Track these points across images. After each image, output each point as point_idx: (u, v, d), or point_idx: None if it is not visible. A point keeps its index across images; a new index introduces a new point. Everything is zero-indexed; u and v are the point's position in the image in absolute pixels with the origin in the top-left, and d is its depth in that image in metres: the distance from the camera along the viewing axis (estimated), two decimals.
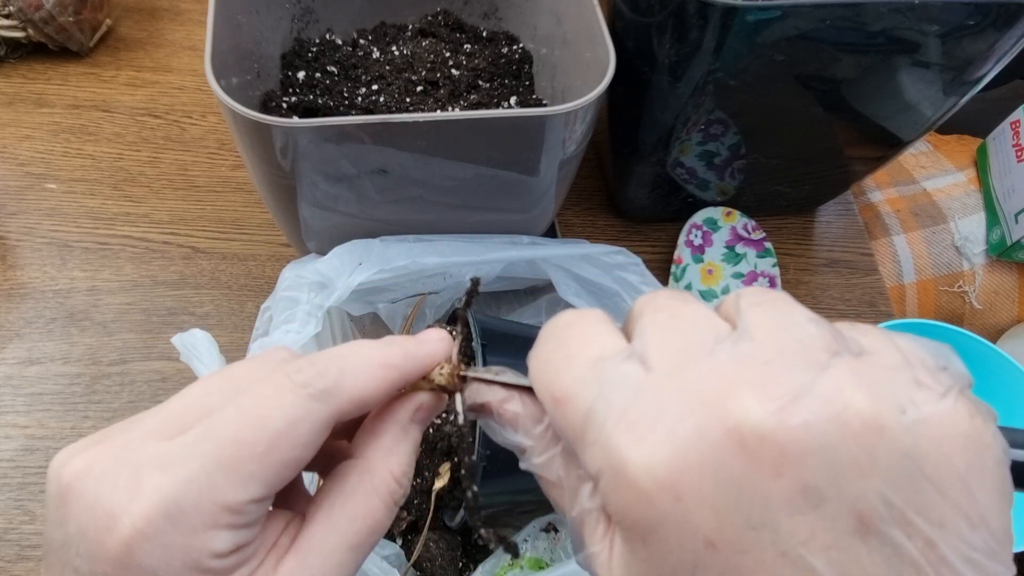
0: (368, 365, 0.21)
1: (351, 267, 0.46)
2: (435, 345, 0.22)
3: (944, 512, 0.14)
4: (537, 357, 0.19)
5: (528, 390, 0.21)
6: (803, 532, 0.14)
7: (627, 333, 0.18)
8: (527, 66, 0.57)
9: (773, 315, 0.16)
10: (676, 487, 0.14)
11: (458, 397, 0.22)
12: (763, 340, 0.15)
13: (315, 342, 0.44)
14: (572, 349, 0.18)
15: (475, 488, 0.21)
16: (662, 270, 0.62)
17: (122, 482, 0.18)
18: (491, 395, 0.21)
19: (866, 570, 0.14)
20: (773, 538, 0.14)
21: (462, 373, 0.22)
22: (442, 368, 0.22)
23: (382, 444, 0.22)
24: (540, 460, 0.20)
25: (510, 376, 0.21)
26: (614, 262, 0.51)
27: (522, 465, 0.21)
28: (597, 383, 0.16)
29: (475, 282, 0.24)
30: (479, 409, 0.22)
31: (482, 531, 0.21)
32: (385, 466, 0.21)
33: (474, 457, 0.22)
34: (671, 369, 0.16)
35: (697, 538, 0.14)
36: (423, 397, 0.22)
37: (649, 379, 0.16)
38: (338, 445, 0.24)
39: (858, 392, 0.14)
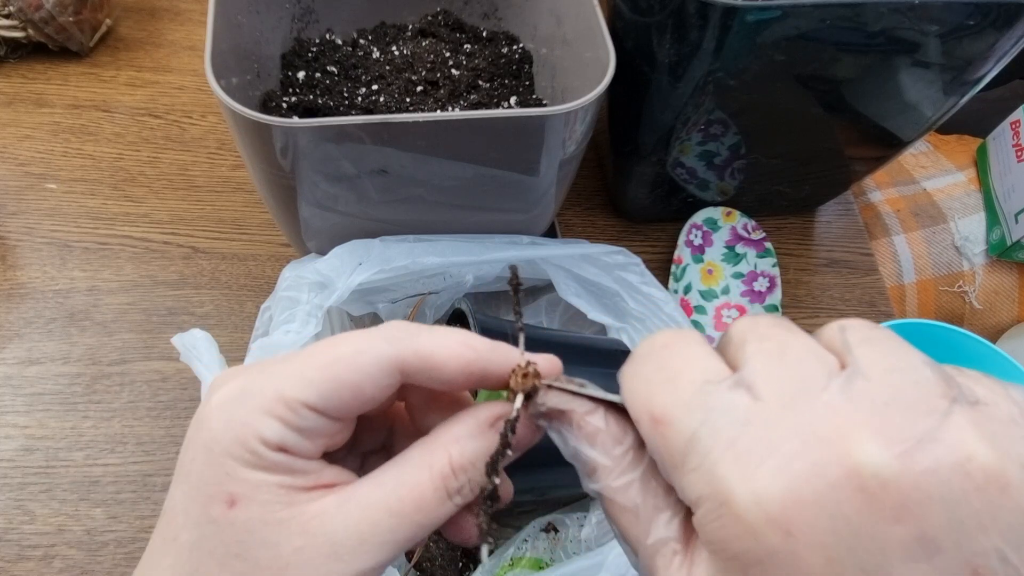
0: (446, 336, 0.21)
1: (351, 267, 0.46)
2: (512, 349, 0.23)
3: None
4: (634, 375, 0.19)
5: (615, 407, 0.20)
6: None
7: (726, 358, 0.18)
8: (527, 66, 0.57)
9: (887, 354, 0.16)
10: (787, 523, 0.14)
11: (519, 396, 0.22)
12: (879, 381, 0.15)
13: (315, 341, 0.44)
14: (674, 370, 0.18)
15: (497, 481, 0.21)
16: (662, 270, 0.62)
17: (230, 376, 0.21)
18: (575, 404, 0.21)
19: None
20: None
21: (547, 382, 0.21)
22: (523, 371, 0.22)
23: (453, 430, 0.22)
24: (617, 483, 0.19)
25: (596, 390, 0.21)
26: (614, 262, 0.51)
27: (588, 486, 0.20)
28: (703, 408, 0.16)
29: (513, 270, 0.24)
30: (557, 416, 0.21)
31: (483, 520, 0.21)
32: (446, 449, 0.21)
33: (508, 452, 0.21)
34: (783, 402, 0.15)
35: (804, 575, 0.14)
36: (508, 407, 0.22)
37: (759, 410, 0.16)
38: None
39: (981, 443, 0.14)
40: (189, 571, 0.19)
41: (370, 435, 0.26)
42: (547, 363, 0.22)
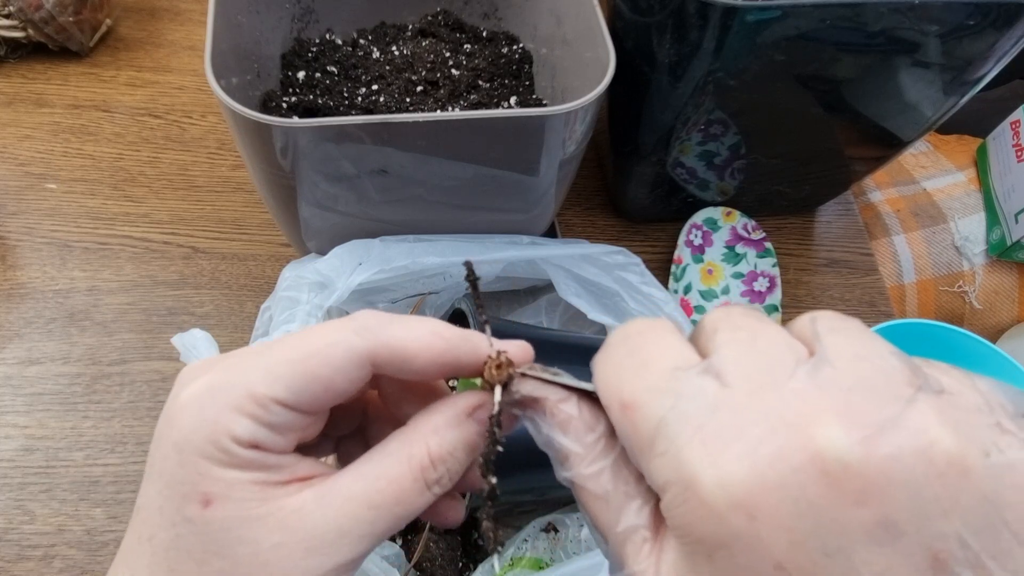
0: (418, 325, 0.21)
1: (351, 267, 0.46)
2: (483, 338, 0.23)
3: (1020, 562, 0.14)
4: (605, 361, 0.19)
5: (588, 395, 0.20)
6: (879, 565, 0.14)
7: (698, 346, 0.18)
8: (527, 66, 0.57)
9: (854, 343, 0.16)
10: (751, 507, 0.15)
11: (497, 389, 0.22)
12: (845, 368, 0.15)
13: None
14: (645, 356, 0.18)
15: (494, 480, 0.21)
16: (662, 270, 0.62)
17: (199, 371, 0.21)
18: (548, 392, 0.21)
19: None
20: (846, 567, 0.14)
21: (519, 370, 0.22)
22: (496, 362, 0.22)
23: (431, 420, 0.22)
24: (589, 471, 0.19)
25: (569, 378, 0.21)
26: (614, 262, 0.51)
27: (561, 474, 0.20)
28: (672, 393, 0.17)
29: (468, 266, 0.24)
30: (531, 404, 0.21)
31: (486, 524, 0.21)
32: (425, 440, 0.21)
33: (499, 448, 0.21)
34: (751, 388, 0.16)
35: (768, 560, 0.15)
36: (485, 397, 0.22)
37: (727, 396, 0.16)
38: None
39: (944, 430, 0.14)
40: (167, 570, 0.19)
41: (343, 421, 0.26)
42: (518, 350, 0.22)
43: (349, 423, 0.26)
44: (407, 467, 0.21)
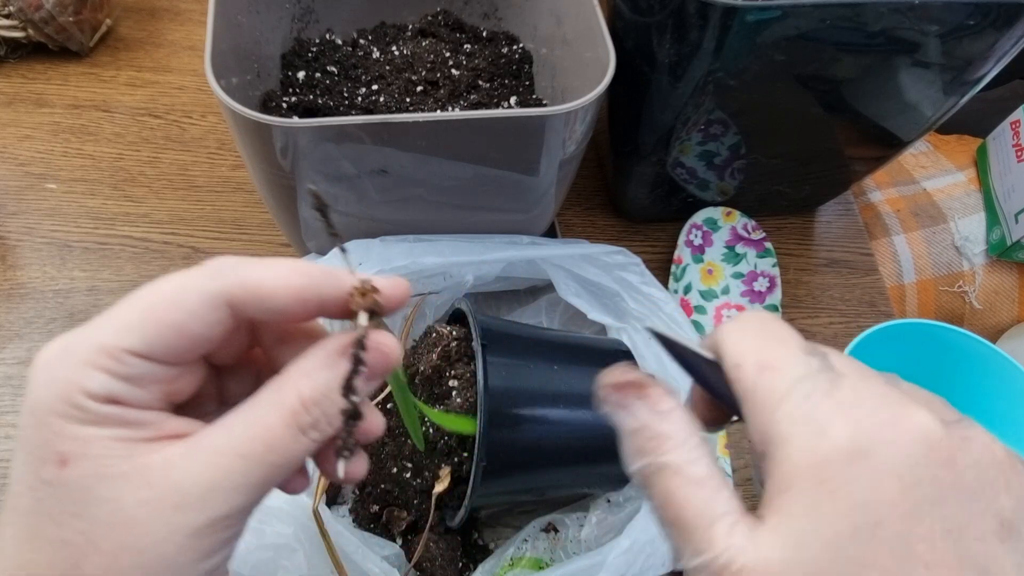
0: (277, 265, 0.21)
1: (351, 267, 0.46)
2: (346, 271, 0.22)
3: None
4: (742, 331, 0.22)
5: (709, 363, 0.22)
6: (962, 516, 0.17)
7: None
8: (527, 66, 0.57)
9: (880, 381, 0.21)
10: (873, 454, 0.18)
11: (361, 315, 0.21)
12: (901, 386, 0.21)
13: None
14: (781, 335, 0.21)
15: (356, 399, 0.20)
16: (662, 270, 0.62)
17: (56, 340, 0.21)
18: (650, 383, 0.22)
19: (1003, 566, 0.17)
20: (941, 515, 0.17)
21: (377, 299, 0.21)
22: (360, 290, 0.21)
23: (301, 364, 0.21)
24: (690, 456, 0.20)
25: (694, 344, 0.23)
26: (614, 262, 0.51)
27: (642, 462, 0.21)
28: (805, 364, 0.20)
29: (314, 191, 0.23)
30: (637, 389, 0.21)
31: (341, 442, 0.20)
32: (295, 385, 0.21)
33: (363, 369, 0.21)
34: (857, 378, 0.20)
35: (884, 496, 0.17)
36: (357, 335, 0.21)
37: (844, 379, 0.20)
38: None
39: (976, 430, 0.19)
40: (29, 536, 0.19)
41: (237, 386, 0.25)
42: (391, 285, 0.22)
43: (243, 388, 0.25)
44: (277, 413, 0.20)
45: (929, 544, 0.17)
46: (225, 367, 0.25)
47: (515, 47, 0.58)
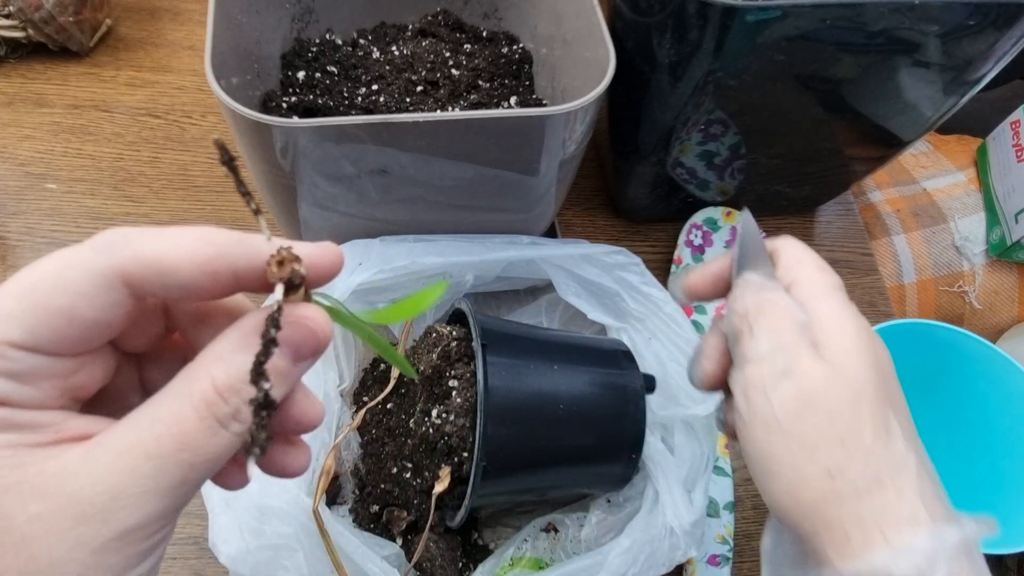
0: (180, 233, 0.18)
1: (351, 267, 0.46)
2: (262, 237, 0.19)
3: None
4: (805, 250, 0.33)
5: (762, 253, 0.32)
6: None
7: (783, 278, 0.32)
8: (527, 66, 0.57)
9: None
10: (870, 344, 0.27)
11: (278, 288, 0.19)
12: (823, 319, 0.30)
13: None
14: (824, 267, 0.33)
15: (267, 386, 0.18)
16: (662, 270, 0.62)
17: None
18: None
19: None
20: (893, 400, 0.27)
21: (299, 269, 0.19)
22: (276, 257, 0.19)
23: (214, 347, 0.19)
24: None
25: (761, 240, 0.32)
26: (614, 262, 0.51)
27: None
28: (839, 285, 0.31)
29: (219, 143, 0.20)
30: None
31: (252, 434, 0.18)
32: (208, 371, 0.18)
33: (276, 350, 0.18)
34: (839, 307, 0.29)
35: (855, 386, 0.26)
36: (278, 296, 0.19)
37: (853, 306, 0.29)
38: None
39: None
40: None
41: (161, 375, 0.22)
42: (318, 252, 0.20)
43: (166, 376, 0.22)
44: (188, 405, 0.18)
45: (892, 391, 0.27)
46: (144, 355, 0.22)
47: (515, 47, 0.58)
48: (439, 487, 0.41)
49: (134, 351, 0.21)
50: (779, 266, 0.31)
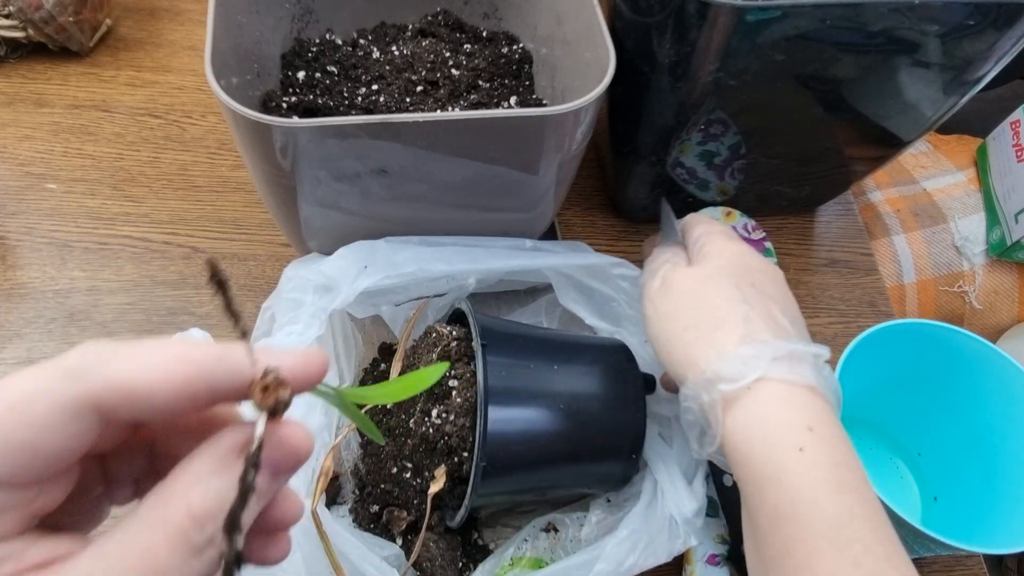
0: (154, 353, 0.17)
1: (356, 270, 0.46)
2: (244, 352, 0.18)
3: None
4: (700, 222, 0.42)
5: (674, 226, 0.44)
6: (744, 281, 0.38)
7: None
8: (527, 66, 0.57)
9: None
10: (732, 256, 0.39)
11: (261, 419, 0.17)
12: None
13: (317, 344, 0.44)
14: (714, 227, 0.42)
15: (240, 543, 0.17)
16: None
17: None
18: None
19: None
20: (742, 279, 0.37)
21: (284, 395, 0.18)
22: (260, 383, 0.18)
23: (188, 469, 0.17)
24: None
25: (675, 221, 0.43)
26: (617, 273, 0.51)
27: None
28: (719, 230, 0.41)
29: (211, 264, 0.18)
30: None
31: None
32: (183, 497, 0.17)
33: (252, 495, 0.17)
34: (720, 239, 0.40)
35: (724, 286, 0.37)
36: (260, 430, 0.18)
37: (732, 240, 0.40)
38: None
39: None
40: None
41: (124, 466, 0.21)
42: (302, 363, 0.19)
43: (134, 465, 0.21)
44: (161, 533, 0.16)
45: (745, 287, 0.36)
46: (107, 452, 0.21)
47: (515, 47, 0.58)
48: (434, 487, 0.41)
49: (99, 453, 0.20)
50: (688, 233, 0.42)
